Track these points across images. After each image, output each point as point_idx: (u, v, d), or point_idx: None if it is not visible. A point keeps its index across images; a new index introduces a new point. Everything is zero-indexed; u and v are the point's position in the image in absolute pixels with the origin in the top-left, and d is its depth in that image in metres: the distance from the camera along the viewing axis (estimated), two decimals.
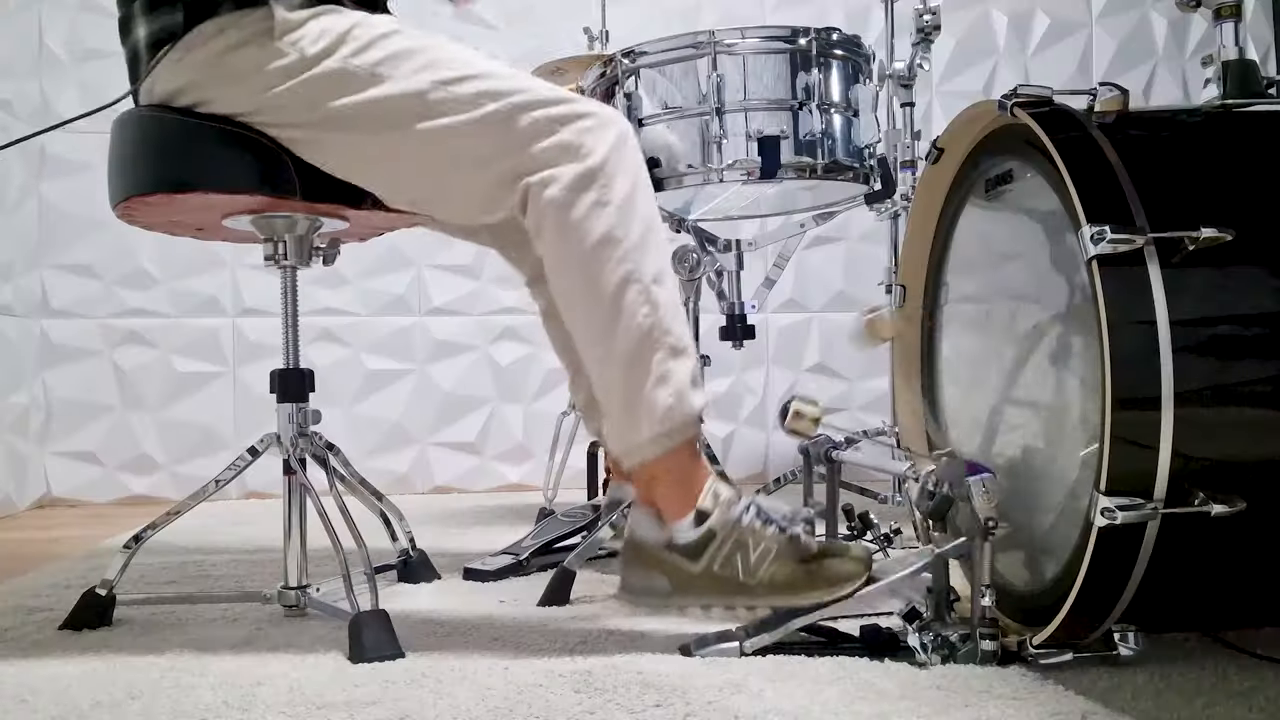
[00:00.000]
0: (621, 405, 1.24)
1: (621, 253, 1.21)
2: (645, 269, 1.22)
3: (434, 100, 1.25)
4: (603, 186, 1.22)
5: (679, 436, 1.23)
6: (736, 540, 1.20)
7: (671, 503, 1.23)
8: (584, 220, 1.21)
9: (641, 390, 1.22)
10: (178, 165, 1.31)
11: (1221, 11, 1.23)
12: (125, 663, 1.22)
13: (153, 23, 1.30)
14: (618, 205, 1.22)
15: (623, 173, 1.24)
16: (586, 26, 2.66)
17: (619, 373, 1.23)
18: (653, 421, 1.22)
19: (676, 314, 1.25)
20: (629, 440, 1.24)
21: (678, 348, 1.23)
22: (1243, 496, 1.00)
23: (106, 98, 1.32)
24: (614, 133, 1.25)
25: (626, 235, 1.22)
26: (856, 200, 1.87)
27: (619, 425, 1.25)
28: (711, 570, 1.20)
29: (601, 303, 1.22)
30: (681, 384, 1.22)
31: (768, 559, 1.19)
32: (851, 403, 3.31)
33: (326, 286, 3.08)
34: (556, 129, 1.23)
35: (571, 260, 1.23)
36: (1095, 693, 1.03)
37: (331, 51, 1.27)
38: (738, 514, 1.22)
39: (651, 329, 1.22)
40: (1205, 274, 1.04)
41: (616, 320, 1.22)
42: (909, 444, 1.53)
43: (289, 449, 1.42)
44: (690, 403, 1.23)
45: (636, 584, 1.24)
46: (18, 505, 2.85)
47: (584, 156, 1.22)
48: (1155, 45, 3.47)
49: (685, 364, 1.24)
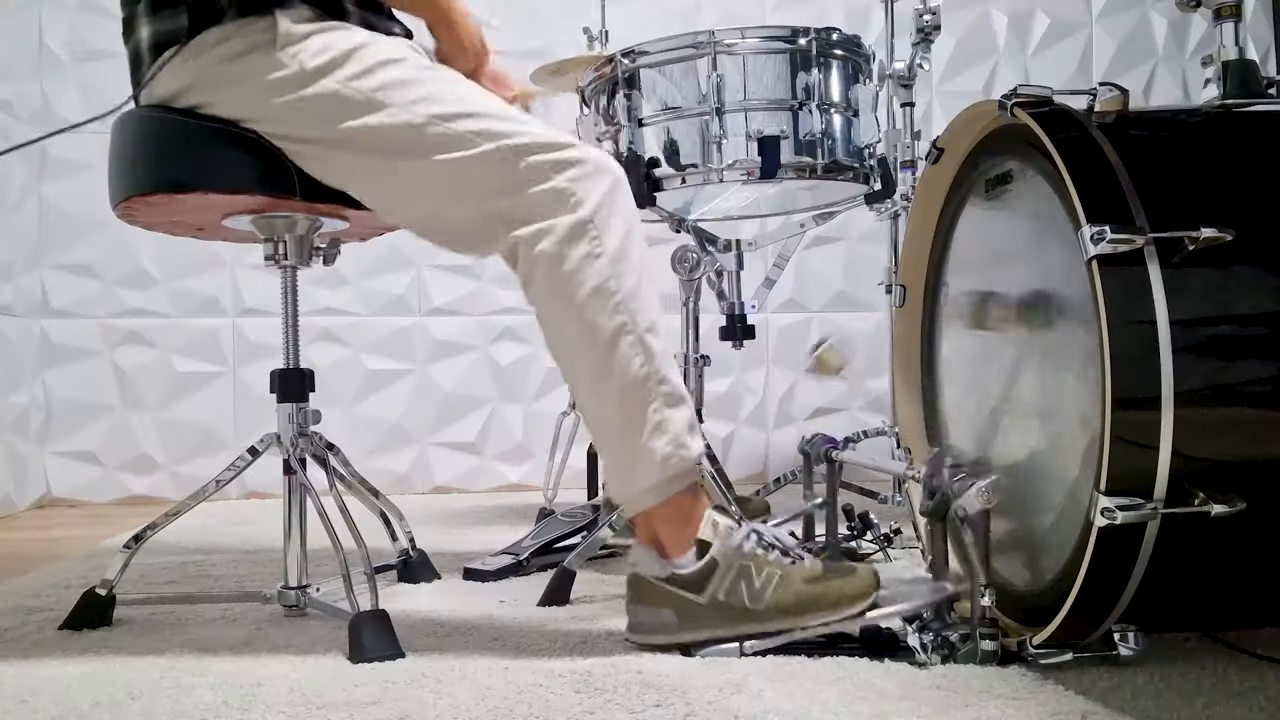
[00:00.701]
0: (619, 455, 1.25)
1: (615, 304, 1.21)
2: (639, 319, 1.22)
3: (430, 134, 1.24)
4: (594, 239, 1.21)
5: (678, 484, 1.23)
6: (740, 568, 1.20)
7: (673, 539, 1.24)
8: (576, 272, 1.21)
9: (638, 440, 1.22)
10: (178, 165, 1.31)
11: (1221, 11, 1.22)
12: (125, 663, 1.23)
13: (156, 24, 1.30)
14: (610, 256, 1.21)
15: (615, 223, 1.23)
16: (586, 26, 2.65)
17: (615, 423, 1.23)
18: (651, 471, 1.22)
19: (671, 363, 1.25)
20: (629, 490, 1.24)
21: (673, 396, 1.23)
22: (1243, 496, 1.00)
23: (107, 98, 1.32)
24: (607, 181, 1.24)
25: (620, 286, 1.21)
26: (856, 200, 1.87)
27: (617, 474, 1.26)
28: (717, 599, 1.20)
29: (595, 354, 1.22)
30: (679, 432, 1.23)
31: (772, 584, 1.20)
32: (851, 403, 3.31)
33: (326, 286, 3.08)
34: (551, 175, 1.22)
35: (565, 312, 1.23)
36: (1095, 693, 1.03)
37: (331, 70, 1.26)
38: (738, 541, 1.22)
39: (647, 379, 1.22)
40: (1205, 274, 1.04)
41: (610, 370, 1.21)
42: (909, 444, 1.53)
43: (289, 449, 1.42)
44: (688, 450, 1.23)
45: (643, 621, 1.24)
46: (18, 505, 2.85)
47: (575, 206, 1.22)
48: (1155, 45, 3.47)
49: (682, 412, 1.24)
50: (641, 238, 1.26)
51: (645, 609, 1.24)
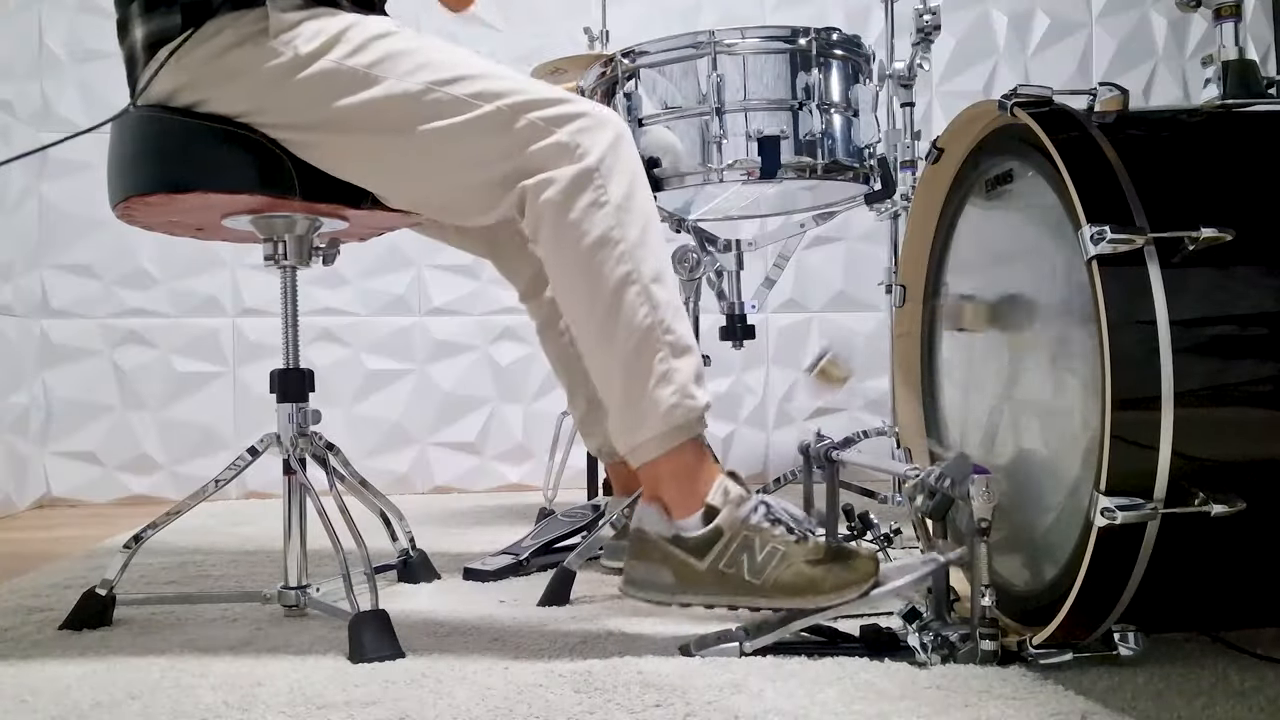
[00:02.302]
0: (625, 405, 1.24)
1: (619, 253, 1.21)
2: (644, 269, 1.22)
3: (429, 101, 1.25)
4: (599, 187, 1.22)
5: (684, 434, 1.23)
6: (744, 539, 1.20)
7: (678, 499, 1.23)
8: (581, 221, 1.21)
9: (644, 389, 1.22)
10: (177, 165, 1.31)
11: (1221, 11, 1.22)
12: (125, 663, 1.22)
13: (150, 24, 1.30)
14: (615, 205, 1.22)
15: (619, 172, 1.24)
16: (586, 26, 2.66)
17: (621, 372, 1.23)
18: (656, 420, 1.22)
19: (678, 313, 1.25)
20: (633, 439, 1.24)
21: (679, 346, 1.23)
22: (1243, 496, 1.00)
23: (107, 98, 1.33)
24: (610, 132, 1.25)
25: (624, 235, 1.22)
26: (856, 200, 1.87)
27: (623, 425, 1.25)
28: (717, 568, 1.20)
29: (601, 303, 1.22)
30: (684, 382, 1.22)
31: (774, 560, 1.19)
32: (851, 403, 3.31)
33: (326, 286, 3.08)
34: (552, 130, 1.23)
35: (570, 261, 1.23)
36: (1095, 693, 1.03)
37: (325, 51, 1.27)
38: (746, 513, 1.21)
39: (652, 328, 1.22)
40: (1205, 274, 1.04)
41: (616, 320, 1.22)
42: (909, 444, 1.53)
43: (289, 449, 1.42)
44: (694, 400, 1.23)
45: (640, 577, 1.24)
46: (18, 505, 2.85)
47: (580, 157, 1.22)
48: (1155, 45, 3.47)
49: (688, 362, 1.23)
50: (647, 188, 1.27)
51: (644, 565, 1.23)
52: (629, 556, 1.25)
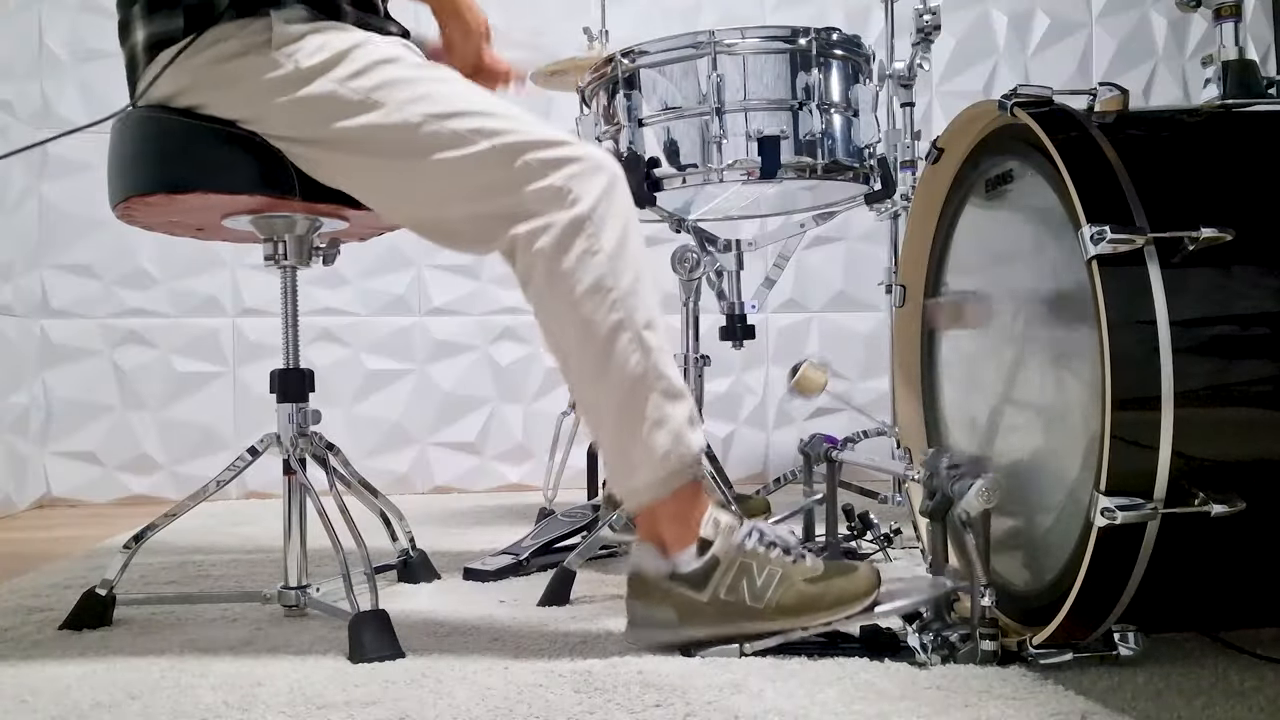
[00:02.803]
0: (618, 452, 1.24)
1: (612, 301, 1.21)
2: (637, 316, 1.22)
3: (426, 134, 1.24)
4: (591, 236, 1.21)
5: (679, 479, 1.22)
6: (741, 566, 1.20)
7: (674, 536, 1.23)
8: (574, 270, 1.20)
9: (638, 435, 1.21)
10: (177, 166, 1.31)
11: (1221, 11, 1.22)
12: (125, 663, 1.22)
13: (152, 26, 1.30)
14: (608, 254, 1.21)
15: (612, 220, 1.23)
16: (586, 26, 2.65)
17: (614, 418, 1.23)
18: (651, 466, 1.21)
19: (669, 359, 1.24)
20: (628, 485, 1.24)
21: (672, 391, 1.23)
22: (1243, 496, 1.00)
23: (107, 98, 1.32)
24: (604, 178, 1.24)
25: (617, 284, 1.21)
26: (856, 200, 1.87)
27: (617, 470, 1.26)
28: (718, 598, 1.20)
29: (593, 350, 1.21)
30: (679, 426, 1.22)
31: (774, 582, 1.19)
32: (851, 403, 3.30)
33: (326, 286, 3.08)
34: (548, 173, 1.22)
35: (562, 309, 1.22)
36: (1095, 693, 1.03)
37: (327, 70, 1.26)
38: (740, 539, 1.21)
39: (645, 374, 1.21)
40: (1205, 274, 1.04)
41: (609, 367, 1.21)
42: (909, 444, 1.53)
43: (289, 449, 1.42)
44: (688, 444, 1.22)
45: (643, 618, 1.24)
46: (18, 505, 2.85)
47: (573, 204, 1.21)
48: (1155, 45, 3.47)
49: (681, 407, 1.23)
50: (639, 235, 1.26)
51: (645, 607, 1.23)
52: (629, 599, 1.25)
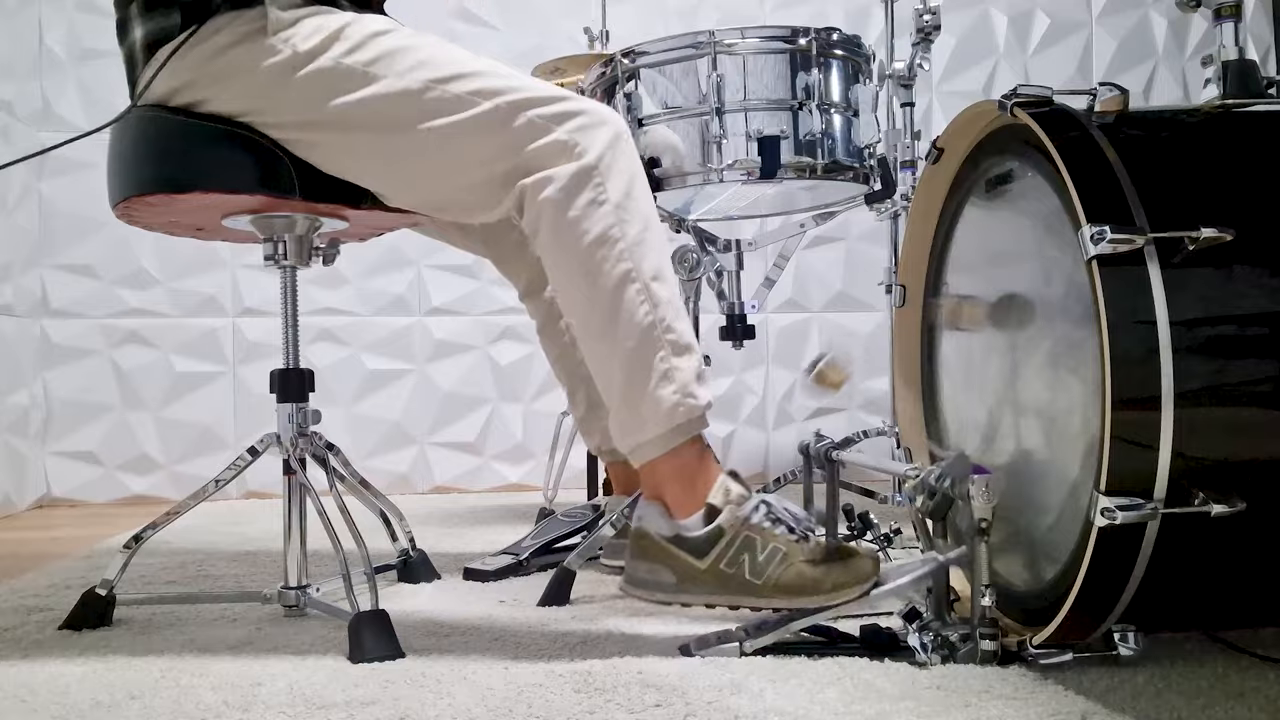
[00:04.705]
0: (625, 404, 1.24)
1: (619, 251, 1.21)
2: (644, 267, 1.22)
3: (428, 99, 1.25)
4: (598, 185, 1.22)
5: (685, 433, 1.23)
6: (745, 539, 1.20)
7: (679, 498, 1.23)
8: (581, 220, 1.21)
9: (645, 388, 1.21)
10: (177, 165, 1.31)
11: (1221, 11, 1.22)
12: (125, 663, 1.22)
13: (149, 24, 1.30)
14: (614, 204, 1.22)
15: (618, 171, 1.23)
16: (586, 26, 2.66)
17: (621, 371, 1.23)
18: (658, 419, 1.22)
19: (678, 311, 1.24)
20: (634, 439, 1.24)
21: (680, 344, 1.23)
22: (1243, 496, 1.00)
23: (107, 98, 1.33)
24: (609, 130, 1.25)
25: (624, 234, 1.22)
26: (856, 200, 1.87)
27: (624, 424, 1.25)
28: (718, 568, 1.20)
29: (601, 301, 1.22)
30: (686, 380, 1.22)
31: (775, 560, 1.19)
32: (851, 403, 3.31)
33: (326, 286, 3.08)
34: (551, 128, 1.23)
35: (570, 260, 1.23)
36: (1095, 693, 1.03)
37: (324, 49, 1.27)
38: (747, 512, 1.21)
39: (652, 326, 1.22)
40: (1205, 274, 1.04)
41: (616, 319, 1.22)
42: (909, 444, 1.53)
43: (289, 449, 1.42)
44: (695, 399, 1.23)
45: (641, 576, 1.24)
46: (18, 505, 2.85)
47: (579, 155, 1.22)
48: (1155, 45, 3.47)
49: (689, 360, 1.23)
50: (646, 187, 1.27)
51: (645, 564, 1.23)
52: (630, 555, 1.25)
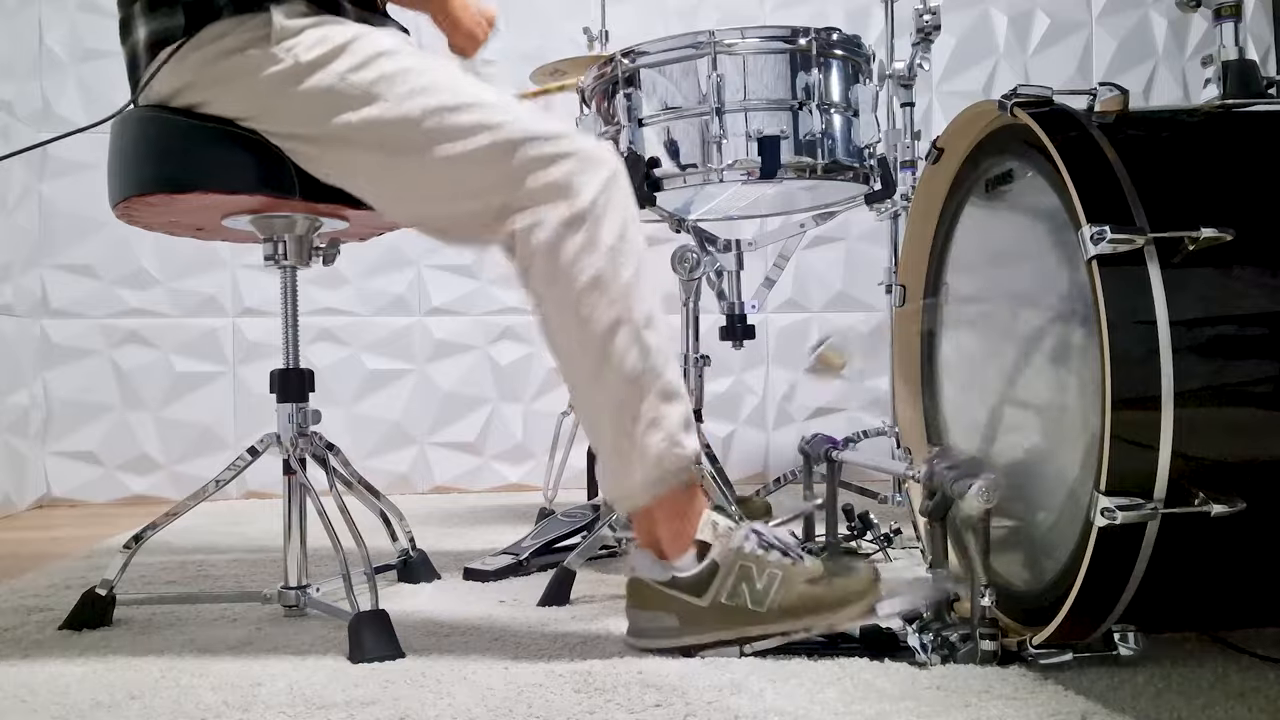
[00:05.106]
0: (613, 451, 1.23)
1: (611, 296, 1.19)
2: (635, 312, 1.20)
3: (427, 128, 1.23)
4: (591, 230, 1.20)
5: (672, 481, 1.22)
6: (741, 569, 1.19)
7: (670, 540, 1.23)
8: (573, 264, 1.19)
9: (633, 436, 1.20)
10: (177, 165, 1.31)
11: (1221, 11, 1.22)
12: (125, 663, 1.22)
13: (153, 24, 1.30)
14: (608, 248, 1.20)
15: (612, 214, 1.21)
16: (586, 26, 2.66)
17: (610, 417, 1.22)
18: (645, 467, 1.21)
19: (668, 358, 1.23)
20: (621, 486, 1.23)
21: (669, 392, 1.22)
22: (1243, 496, 1.00)
23: (107, 98, 1.33)
24: (605, 172, 1.23)
25: (616, 278, 1.20)
26: (856, 200, 1.87)
27: (611, 470, 1.25)
28: (719, 602, 1.19)
29: (591, 346, 1.20)
30: (673, 429, 1.21)
31: (775, 584, 1.18)
32: (851, 403, 3.31)
33: (326, 286, 3.08)
34: (547, 167, 1.21)
35: (560, 303, 1.21)
36: (1095, 693, 1.03)
37: (326, 63, 1.25)
38: (739, 543, 1.21)
39: (642, 374, 1.20)
40: (1205, 274, 1.04)
41: (606, 364, 1.20)
42: (909, 444, 1.53)
43: (289, 449, 1.42)
44: (683, 447, 1.21)
45: (643, 626, 1.23)
46: (18, 505, 2.85)
47: (573, 197, 1.20)
48: (1155, 45, 3.47)
49: (677, 408, 1.22)
50: (639, 230, 1.25)
51: (646, 614, 1.23)
52: (629, 607, 1.25)
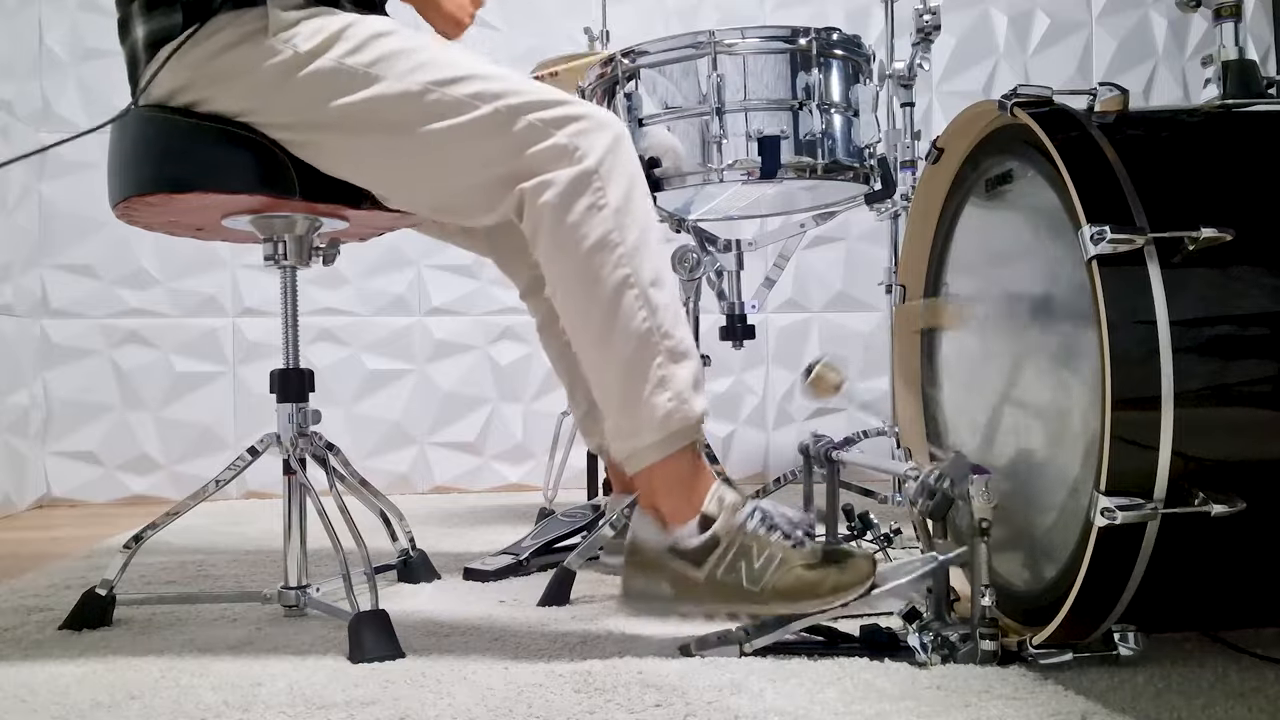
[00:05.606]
0: (621, 410, 1.24)
1: (618, 256, 1.21)
2: (643, 272, 1.22)
3: (428, 102, 1.25)
4: (598, 190, 1.21)
5: (680, 441, 1.22)
6: (741, 546, 1.19)
7: (674, 507, 1.23)
8: (580, 224, 1.21)
9: (641, 395, 1.21)
10: (177, 165, 1.31)
11: (1221, 11, 1.22)
12: (125, 663, 1.22)
13: (151, 23, 1.30)
14: (614, 209, 1.21)
15: (618, 175, 1.23)
16: (586, 26, 2.65)
17: (618, 377, 1.23)
18: (653, 427, 1.21)
19: (676, 317, 1.24)
20: (629, 445, 1.24)
21: (677, 351, 1.22)
22: (1243, 496, 1.00)
23: (107, 98, 1.33)
24: (609, 135, 1.24)
25: (623, 239, 1.21)
26: (856, 200, 1.87)
27: (619, 430, 1.25)
28: (715, 576, 1.19)
29: (599, 307, 1.21)
30: (682, 388, 1.22)
31: (772, 566, 1.18)
32: (851, 403, 3.30)
33: (326, 286, 3.08)
34: (551, 132, 1.23)
35: (568, 265, 1.22)
36: (1095, 693, 1.03)
37: (325, 50, 1.27)
38: (742, 520, 1.21)
39: (650, 333, 1.21)
40: (1205, 274, 1.04)
41: (614, 324, 1.21)
42: (909, 444, 1.53)
43: (289, 449, 1.42)
44: (691, 407, 1.22)
45: (638, 589, 1.23)
46: (18, 505, 2.85)
47: (579, 160, 1.22)
48: (1155, 45, 3.47)
49: (686, 367, 1.23)
50: (645, 191, 1.26)
51: (642, 576, 1.23)
52: (625, 568, 1.25)
